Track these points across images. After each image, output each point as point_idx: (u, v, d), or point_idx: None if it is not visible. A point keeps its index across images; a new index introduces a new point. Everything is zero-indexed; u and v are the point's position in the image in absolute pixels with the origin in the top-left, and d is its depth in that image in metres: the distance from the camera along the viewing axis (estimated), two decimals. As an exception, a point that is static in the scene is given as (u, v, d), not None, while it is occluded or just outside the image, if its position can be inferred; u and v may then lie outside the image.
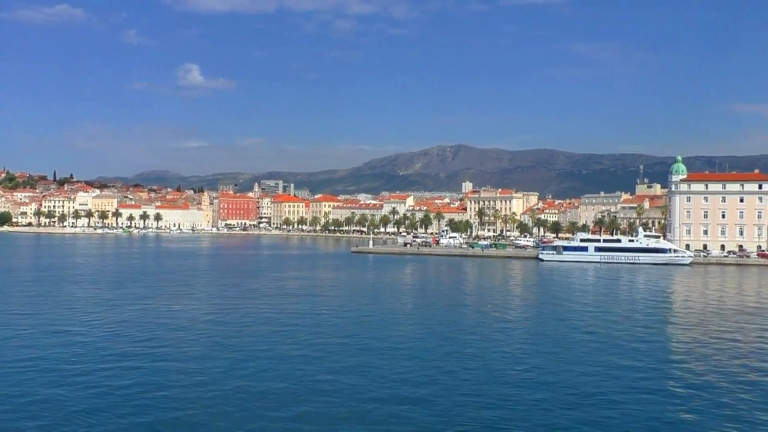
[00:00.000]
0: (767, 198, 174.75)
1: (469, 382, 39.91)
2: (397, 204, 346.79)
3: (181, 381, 39.09)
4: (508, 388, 38.82)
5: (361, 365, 43.91)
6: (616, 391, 38.50)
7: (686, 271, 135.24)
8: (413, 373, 41.92)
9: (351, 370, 42.42)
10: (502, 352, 49.01)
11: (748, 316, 71.09)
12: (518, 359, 46.77)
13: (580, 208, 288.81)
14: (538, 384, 39.75)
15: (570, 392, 38.05)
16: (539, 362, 45.75)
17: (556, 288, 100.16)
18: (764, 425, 32.66)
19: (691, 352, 50.64)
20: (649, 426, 32.60)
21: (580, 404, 35.77)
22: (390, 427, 31.98)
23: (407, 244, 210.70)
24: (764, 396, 37.71)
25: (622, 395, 37.61)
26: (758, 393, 38.34)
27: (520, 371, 42.97)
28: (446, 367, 43.88)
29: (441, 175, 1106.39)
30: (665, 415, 34.18)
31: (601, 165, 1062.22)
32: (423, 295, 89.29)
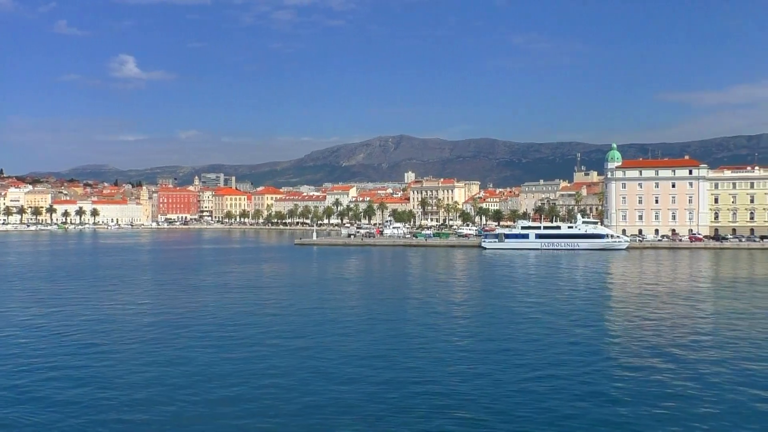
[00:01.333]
0: (697, 183, 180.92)
1: (417, 370, 39.88)
2: (341, 195, 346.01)
3: (110, 381, 37.93)
4: (457, 375, 38.96)
5: (307, 358, 43.44)
6: (560, 373, 39.07)
7: (623, 256, 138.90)
8: (360, 365, 41.68)
9: (297, 364, 41.91)
10: (449, 341, 49.20)
11: (681, 298, 73.36)
12: (465, 346, 47.03)
13: (521, 196, 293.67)
14: (485, 369, 39.99)
15: (515, 376, 38.45)
16: (485, 348, 46.11)
17: (500, 275, 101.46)
18: (696, 398, 33.65)
19: (628, 333, 51.86)
20: (588, 405, 33.18)
21: (524, 388, 36.16)
22: (337, 418, 31.68)
23: (351, 235, 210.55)
24: (695, 371, 38.92)
25: (565, 379, 38.17)
26: (691, 369, 39.50)
27: (467, 358, 43.20)
28: (392, 356, 43.78)
29: (383, 165, 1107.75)
30: (605, 395, 34.85)
31: (540, 154, 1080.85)
32: (368, 285, 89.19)
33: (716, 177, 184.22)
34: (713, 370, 39.88)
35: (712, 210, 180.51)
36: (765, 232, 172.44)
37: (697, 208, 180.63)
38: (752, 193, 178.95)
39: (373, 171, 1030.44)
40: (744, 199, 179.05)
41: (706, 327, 54.73)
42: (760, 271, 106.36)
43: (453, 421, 31.30)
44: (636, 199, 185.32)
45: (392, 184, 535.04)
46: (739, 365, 40.92)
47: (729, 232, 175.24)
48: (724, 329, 53.32)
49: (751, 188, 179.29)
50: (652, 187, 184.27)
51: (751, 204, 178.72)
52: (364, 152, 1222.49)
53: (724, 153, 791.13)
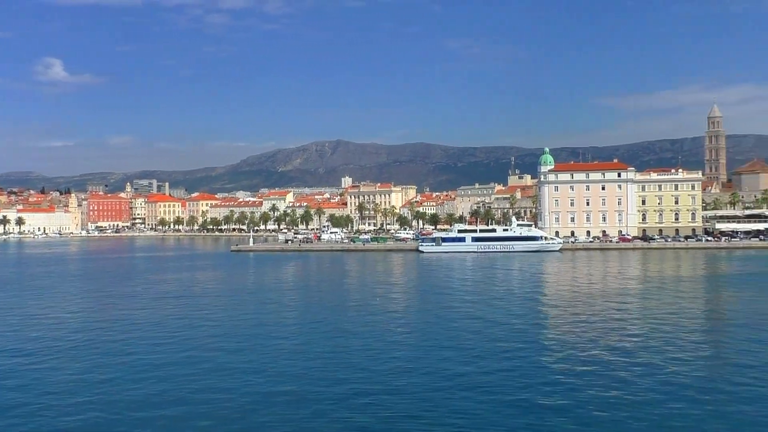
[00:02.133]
0: (626, 186, 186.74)
1: (355, 377, 39.82)
2: (277, 201, 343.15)
3: (32, 389, 36.59)
4: (397, 377, 39.08)
5: (246, 365, 42.82)
6: (496, 371, 39.67)
7: (556, 257, 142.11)
8: (298, 371, 41.35)
9: (234, 371, 41.27)
10: (388, 343, 49.26)
11: (612, 297, 75.54)
12: (404, 348, 47.18)
13: (457, 199, 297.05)
14: (424, 371, 40.25)
15: (452, 377, 38.79)
16: (424, 350, 46.39)
17: (437, 278, 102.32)
18: (623, 389, 34.69)
19: (562, 332, 53.01)
20: (524, 403, 33.78)
21: (462, 387, 36.53)
22: (276, 425, 31.35)
23: (288, 240, 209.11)
24: (626, 365, 40.12)
25: (501, 379, 38.76)
26: (623, 369, 40.69)
27: (405, 360, 43.34)
28: (331, 361, 43.60)
29: (320, 170, 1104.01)
30: (541, 393, 35.55)
31: (475, 158, 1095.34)
32: (306, 291, 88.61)
33: (643, 180, 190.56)
34: (642, 368, 41.14)
35: (640, 211, 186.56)
36: (689, 232, 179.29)
37: (625, 209, 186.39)
38: (677, 194, 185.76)
39: (310, 176, 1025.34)
40: (669, 200, 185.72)
41: (635, 325, 56.41)
42: (685, 270, 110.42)
43: (381, 419, 31.40)
44: (568, 202, 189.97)
45: (329, 189, 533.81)
46: (666, 361, 42.34)
47: (656, 233, 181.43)
48: (652, 326, 55.10)
49: (675, 190, 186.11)
50: (583, 189, 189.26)
51: (675, 205, 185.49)
52: (300, 157, 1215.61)
53: (650, 156, 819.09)
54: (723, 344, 49.03)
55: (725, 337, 51.92)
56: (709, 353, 45.77)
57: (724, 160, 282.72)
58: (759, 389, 35.95)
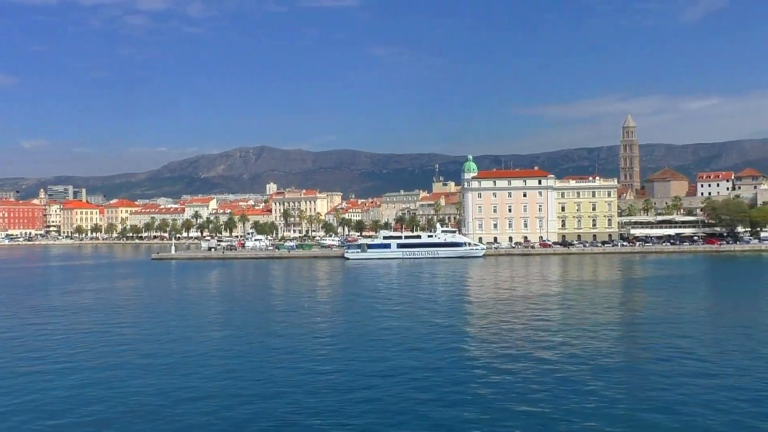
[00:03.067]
0: (546, 192, 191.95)
1: (280, 384, 39.37)
2: (200, 207, 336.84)
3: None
4: (323, 384, 38.84)
5: (167, 377, 41.71)
6: (422, 377, 39.98)
7: (480, 263, 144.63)
8: (219, 383, 40.58)
9: (156, 384, 40.13)
10: (313, 351, 48.92)
11: (534, 301, 77.41)
12: (329, 356, 46.93)
13: (382, 206, 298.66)
14: (348, 378, 40.17)
15: (374, 384, 38.87)
16: (347, 355, 46.29)
17: (363, 285, 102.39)
18: (547, 391, 35.59)
19: (485, 336, 53.92)
20: (453, 411, 34.15)
21: (389, 395, 36.65)
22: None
23: (212, 248, 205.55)
24: (548, 368, 41.15)
25: (426, 384, 39.10)
26: (544, 367, 41.71)
27: (331, 367, 43.13)
28: (255, 370, 42.97)
29: (244, 176, 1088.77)
30: (464, 397, 36.01)
31: (400, 165, 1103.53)
32: (230, 299, 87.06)
33: (562, 187, 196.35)
34: (562, 368, 42.26)
35: (560, 218, 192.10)
36: (606, 237, 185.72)
37: (546, 216, 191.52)
38: (594, 201, 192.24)
39: (234, 182, 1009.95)
40: (587, 207, 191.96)
41: (556, 327, 57.91)
42: (602, 274, 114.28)
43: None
44: (491, 208, 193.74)
45: (254, 195, 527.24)
46: (585, 362, 43.65)
47: (575, 239, 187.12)
48: (572, 328, 56.73)
49: (593, 197, 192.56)
50: (506, 196, 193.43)
51: (593, 212, 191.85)
52: (224, 163, 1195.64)
53: (568, 164, 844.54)
54: (639, 343, 50.87)
55: (641, 336, 53.88)
56: (625, 351, 47.45)
57: (638, 168, 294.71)
58: (672, 384, 37.46)
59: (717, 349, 47.42)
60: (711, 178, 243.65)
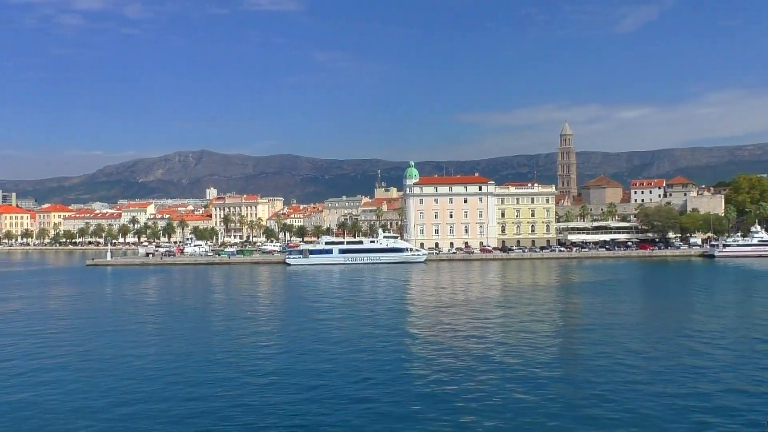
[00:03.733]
0: (486, 199, 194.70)
1: (216, 390, 38.74)
2: (138, 213, 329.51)
3: None
4: (266, 392, 38.38)
5: (102, 386, 40.54)
6: (363, 379, 39.92)
7: (421, 268, 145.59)
8: (155, 390, 39.66)
9: (87, 392, 38.97)
10: (253, 358, 48.29)
11: (474, 306, 78.21)
12: (269, 363, 46.40)
13: (324, 212, 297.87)
14: (288, 382, 39.82)
15: (313, 389, 38.64)
16: (289, 363, 45.89)
17: (304, 291, 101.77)
18: (484, 390, 36.04)
19: (425, 339, 54.23)
20: (387, 408, 34.21)
21: (328, 398, 36.47)
22: None
23: (149, 254, 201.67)
24: (489, 369, 41.67)
25: (368, 385, 39.06)
26: (481, 377, 42.20)
27: (270, 373, 42.66)
28: (192, 376, 42.19)
29: (184, 181, 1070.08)
30: (406, 399, 36.13)
31: (342, 170, 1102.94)
32: (168, 306, 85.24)
33: (502, 193, 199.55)
34: (502, 370, 42.84)
35: (500, 223, 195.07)
36: (544, 243, 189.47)
37: (486, 221, 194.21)
38: (533, 207, 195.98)
39: (173, 187, 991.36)
40: (526, 213, 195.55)
41: (496, 331, 58.66)
42: (540, 279, 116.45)
43: None
44: (432, 214, 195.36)
45: (193, 200, 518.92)
46: (523, 363, 44.34)
47: (514, 244, 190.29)
48: (511, 331, 57.56)
49: (531, 203, 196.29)
50: (447, 202, 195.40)
51: (532, 218, 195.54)
52: (163, 168, 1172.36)
53: (508, 171, 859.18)
54: (576, 345, 51.99)
55: (577, 339, 55.09)
56: (562, 354, 48.44)
57: (575, 175, 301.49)
58: (607, 385, 38.37)
59: (648, 356, 48.79)
60: (644, 185, 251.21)
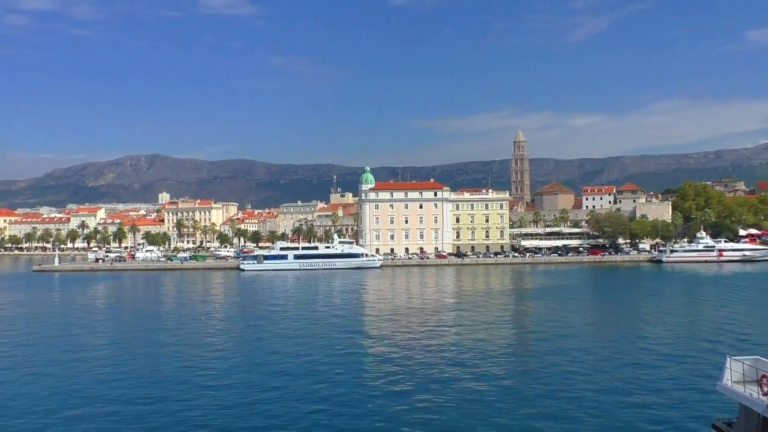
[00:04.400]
0: (442, 204, 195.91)
1: (167, 396, 38.07)
2: (87, 217, 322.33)
3: None
4: (219, 396, 37.85)
5: (44, 392, 39.44)
6: (317, 383, 39.70)
7: (377, 274, 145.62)
8: (104, 396, 38.79)
9: (30, 397, 37.86)
10: (204, 365, 47.60)
11: (429, 311, 78.55)
12: (221, 368, 45.81)
13: (279, 217, 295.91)
14: (237, 389, 39.36)
15: (265, 396, 38.30)
16: (239, 370, 45.38)
17: (259, 297, 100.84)
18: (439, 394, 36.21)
19: (381, 345, 54.23)
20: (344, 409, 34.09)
21: (284, 403, 36.19)
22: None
23: (99, 259, 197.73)
24: (443, 373, 41.87)
25: (322, 389, 38.86)
26: (433, 385, 42.40)
27: (223, 377, 42.11)
28: (141, 384, 41.36)
29: (135, 186, 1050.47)
30: (360, 403, 36.04)
31: (297, 175, 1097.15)
32: (118, 313, 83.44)
33: (457, 199, 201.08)
34: (457, 373, 43.10)
35: (455, 229, 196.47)
36: (498, 249, 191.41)
37: (441, 227, 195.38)
38: (487, 213, 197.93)
39: (124, 191, 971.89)
40: (481, 219, 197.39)
41: (450, 336, 58.98)
42: (494, 284, 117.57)
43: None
44: (388, 220, 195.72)
45: (145, 205, 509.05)
46: (478, 368, 44.70)
47: (469, 250, 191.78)
48: (465, 336, 57.95)
49: (486, 209, 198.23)
50: (402, 208, 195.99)
51: (486, 223, 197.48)
52: (113, 172, 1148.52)
53: (463, 177, 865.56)
54: (528, 350, 52.60)
55: (528, 342, 55.75)
56: (515, 358, 48.94)
57: (528, 181, 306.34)
58: (555, 386, 38.93)
59: (599, 360, 49.68)
60: (595, 192, 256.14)
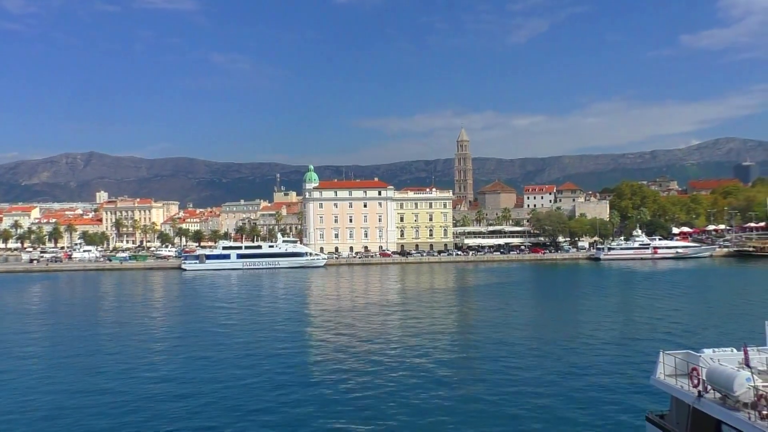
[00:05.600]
0: (386, 203, 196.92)
1: (109, 405, 37.58)
2: (21, 217, 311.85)
3: None
4: (158, 399, 37.52)
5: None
6: (261, 385, 39.76)
7: (321, 273, 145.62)
8: (36, 400, 38.08)
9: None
10: (143, 367, 47.07)
11: (372, 308, 79.16)
12: (161, 370, 45.36)
13: (222, 216, 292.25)
14: (185, 390, 39.14)
15: (216, 396, 38.22)
16: (183, 370, 45.05)
17: (200, 297, 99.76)
18: (383, 389, 36.78)
19: (325, 345, 54.56)
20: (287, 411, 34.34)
21: (228, 406, 36.18)
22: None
23: (34, 260, 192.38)
24: (387, 370, 42.43)
25: (265, 390, 38.97)
26: (377, 381, 42.95)
27: (163, 381, 41.75)
28: (76, 387, 40.71)
29: (72, 184, 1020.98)
30: (306, 404, 36.35)
31: (240, 173, 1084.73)
32: (53, 314, 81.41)
33: (402, 198, 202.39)
34: (401, 371, 43.75)
35: (399, 228, 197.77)
36: (442, 247, 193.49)
37: (386, 226, 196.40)
38: (431, 212, 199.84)
39: (59, 190, 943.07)
40: (424, 217, 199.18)
41: (394, 333, 59.70)
42: (438, 282, 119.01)
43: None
44: (332, 218, 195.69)
45: (82, 204, 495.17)
46: (420, 364, 45.46)
47: (413, 248, 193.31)
48: (409, 333, 58.72)
49: (430, 208, 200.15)
50: (347, 207, 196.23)
51: (430, 222, 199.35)
52: (48, 170, 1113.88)
53: (407, 176, 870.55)
54: (469, 345, 53.65)
55: (471, 339, 56.85)
56: (457, 353, 49.89)
57: (471, 180, 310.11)
58: (492, 382, 39.94)
59: (536, 354, 51.09)
60: (536, 191, 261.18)
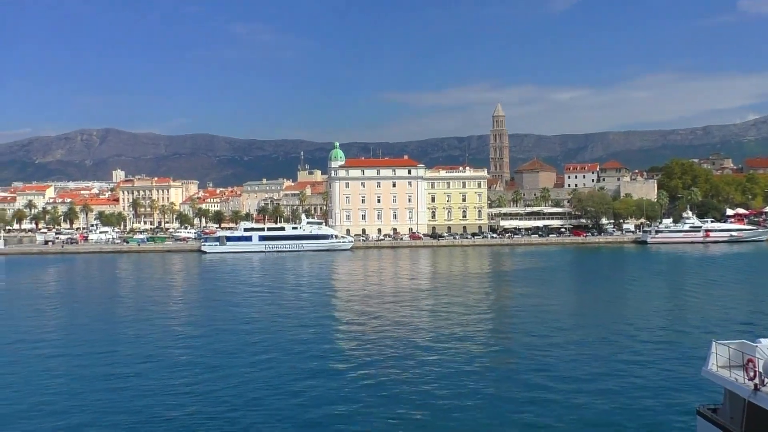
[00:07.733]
0: (416, 182, 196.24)
1: (128, 397, 37.87)
2: (35, 196, 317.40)
3: None
4: (179, 393, 37.72)
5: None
6: (291, 378, 39.73)
7: (348, 256, 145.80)
8: (57, 385, 38.47)
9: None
10: (165, 358, 47.39)
11: (402, 295, 78.85)
12: (184, 364, 45.63)
13: (243, 196, 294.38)
14: (211, 383, 39.28)
15: (240, 388, 38.29)
16: (207, 357, 45.24)
17: (221, 281, 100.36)
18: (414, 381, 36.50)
19: (353, 333, 54.41)
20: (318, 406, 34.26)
21: (252, 396, 36.20)
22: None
23: (49, 242, 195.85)
24: (417, 360, 42.16)
25: (293, 378, 38.93)
26: (407, 373, 42.67)
27: (187, 376, 41.96)
28: (97, 373, 41.08)
29: (87, 162, 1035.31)
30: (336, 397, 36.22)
31: (262, 151, 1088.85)
32: (69, 299, 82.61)
33: (433, 177, 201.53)
34: (433, 360, 43.42)
35: (430, 209, 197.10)
36: (475, 229, 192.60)
37: (416, 207, 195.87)
38: (464, 192, 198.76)
39: (75, 169, 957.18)
40: (457, 198, 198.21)
41: (425, 320, 59.33)
42: (472, 267, 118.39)
43: None
44: (359, 199, 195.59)
45: (99, 183, 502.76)
46: (454, 353, 45.05)
47: (445, 230, 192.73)
48: (441, 321, 58.32)
49: (463, 188, 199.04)
50: (374, 186, 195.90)
51: (463, 203, 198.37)
52: (63, 147, 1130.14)
53: (438, 153, 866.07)
54: (506, 336, 53.08)
55: (506, 327, 56.29)
56: (492, 344, 49.35)
57: (508, 158, 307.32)
58: (535, 373, 39.43)
59: (581, 346, 50.33)
60: (577, 170, 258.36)
